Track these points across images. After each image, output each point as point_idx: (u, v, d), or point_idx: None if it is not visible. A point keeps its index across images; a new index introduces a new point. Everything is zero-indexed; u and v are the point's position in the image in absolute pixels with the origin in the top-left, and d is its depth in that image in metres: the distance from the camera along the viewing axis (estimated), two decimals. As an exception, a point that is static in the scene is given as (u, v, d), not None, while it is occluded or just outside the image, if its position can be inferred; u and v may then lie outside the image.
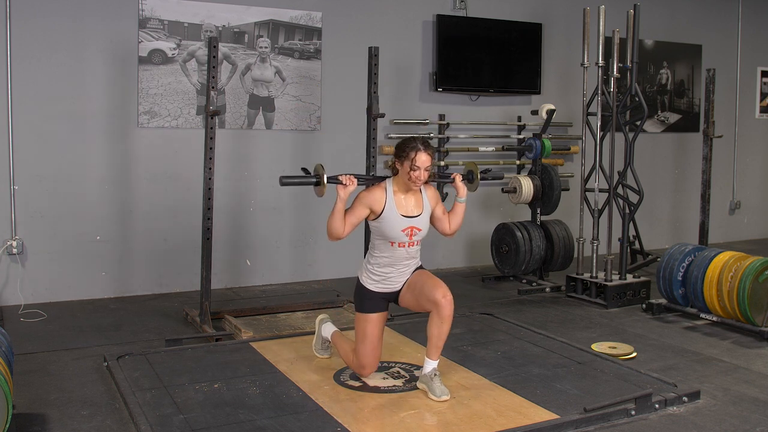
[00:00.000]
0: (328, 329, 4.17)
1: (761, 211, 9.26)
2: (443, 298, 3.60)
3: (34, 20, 5.51)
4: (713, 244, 7.72)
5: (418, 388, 3.73)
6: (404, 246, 3.70)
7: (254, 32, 6.21)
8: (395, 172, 3.72)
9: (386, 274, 3.75)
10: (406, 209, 3.69)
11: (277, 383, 3.82)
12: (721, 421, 3.50)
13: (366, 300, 3.78)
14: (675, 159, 8.50)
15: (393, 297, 3.83)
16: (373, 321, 3.76)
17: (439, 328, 3.64)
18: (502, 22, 7.12)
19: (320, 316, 4.29)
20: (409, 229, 3.68)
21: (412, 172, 3.60)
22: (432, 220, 3.82)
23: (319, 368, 4.04)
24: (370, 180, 3.83)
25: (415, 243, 3.74)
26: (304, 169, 3.81)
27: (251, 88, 6.22)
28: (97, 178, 5.79)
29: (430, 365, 3.70)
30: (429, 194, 3.79)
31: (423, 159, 3.60)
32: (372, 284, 3.77)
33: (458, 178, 3.89)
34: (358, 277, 3.85)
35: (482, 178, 3.99)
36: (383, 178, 3.79)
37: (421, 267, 3.87)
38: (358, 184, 3.71)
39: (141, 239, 5.95)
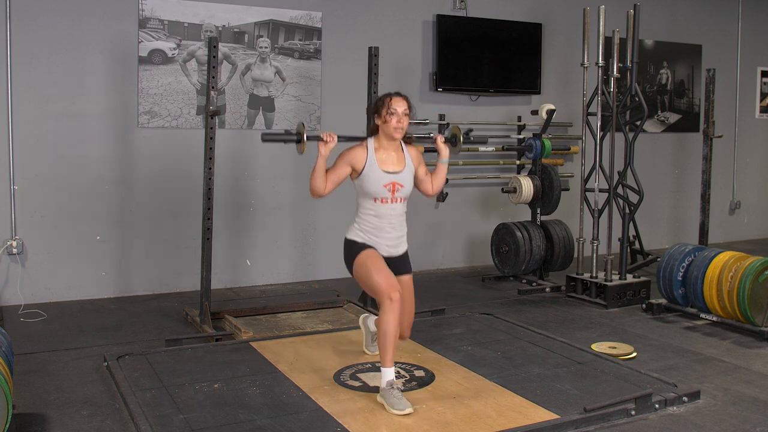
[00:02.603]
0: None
1: (761, 211, 9.26)
2: (405, 335, 3.89)
3: (34, 20, 5.51)
4: (713, 244, 7.72)
5: (418, 388, 3.74)
6: (387, 202, 3.70)
7: (254, 32, 6.21)
8: (375, 131, 3.76)
9: (373, 233, 3.71)
10: (388, 165, 3.71)
11: (277, 383, 3.82)
12: (721, 421, 3.50)
13: (359, 246, 3.71)
14: (675, 159, 8.50)
15: None
16: (373, 253, 3.69)
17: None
18: (502, 22, 7.12)
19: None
20: (391, 184, 3.69)
21: (389, 116, 3.65)
22: (415, 181, 3.84)
23: (319, 368, 4.04)
24: (351, 138, 3.85)
25: (398, 200, 3.72)
26: (286, 130, 3.87)
27: (251, 88, 6.22)
28: (97, 178, 5.79)
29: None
30: (411, 153, 3.82)
31: (398, 101, 3.67)
32: (361, 238, 3.73)
33: (440, 139, 3.91)
34: (345, 238, 3.79)
35: (465, 141, 4.02)
36: (364, 138, 3.81)
37: (408, 267, 3.86)
38: (339, 142, 3.71)
39: (141, 239, 5.95)
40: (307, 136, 3.75)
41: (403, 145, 3.80)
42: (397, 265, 3.76)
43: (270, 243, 6.42)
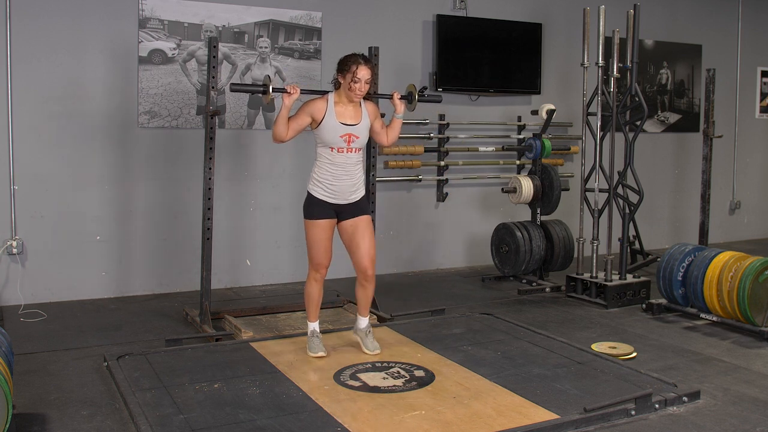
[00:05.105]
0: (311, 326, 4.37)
1: (761, 211, 9.26)
2: (369, 270, 4.18)
3: (34, 20, 5.51)
4: (713, 244, 7.72)
5: (418, 388, 3.74)
6: (343, 151, 4.06)
7: (254, 32, 6.21)
8: (337, 86, 4.11)
9: (329, 181, 4.07)
10: (345, 118, 4.07)
11: (277, 383, 3.82)
12: (721, 421, 3.50)
13: (315, 207, 4.12)
14: (675, 159, 8.50)
15: (338, 211, 4.15)
16: (321, 226, 4.12)
17: (365, 292, 4.28)
18: (502, 22, 7.12)
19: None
20: (347, 135, 4.05)
21: (353, 83, 4.01)
22: (372, 133, 4.22)
23: (319, 368, 4.05)
24: (313, 92, 4.26)
25: (354, 150, 4.09)
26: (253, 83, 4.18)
27: (251, 88, 6.22)
28: (97, 178, 5.79)
29: (364, 322, 4.35)
30: (369, 108, 4.19)
31: (363, 72, 4.01)
32: (318, 192, 4.11)
33: (396, 95, 4.27)
34: (307, 190, 4.17)
35: (420, 100, 4.40)
36: (326, 92, 4.17)
37: (365, 210, 4.20)
38: (302, 94, 4.12)
39: (141, 239, 5.95)
40: (272, 88, 4.11)
41: (361, 100, 4.16)
42: (355, 210, 4.16)
43: (270, 243, 6.42)
